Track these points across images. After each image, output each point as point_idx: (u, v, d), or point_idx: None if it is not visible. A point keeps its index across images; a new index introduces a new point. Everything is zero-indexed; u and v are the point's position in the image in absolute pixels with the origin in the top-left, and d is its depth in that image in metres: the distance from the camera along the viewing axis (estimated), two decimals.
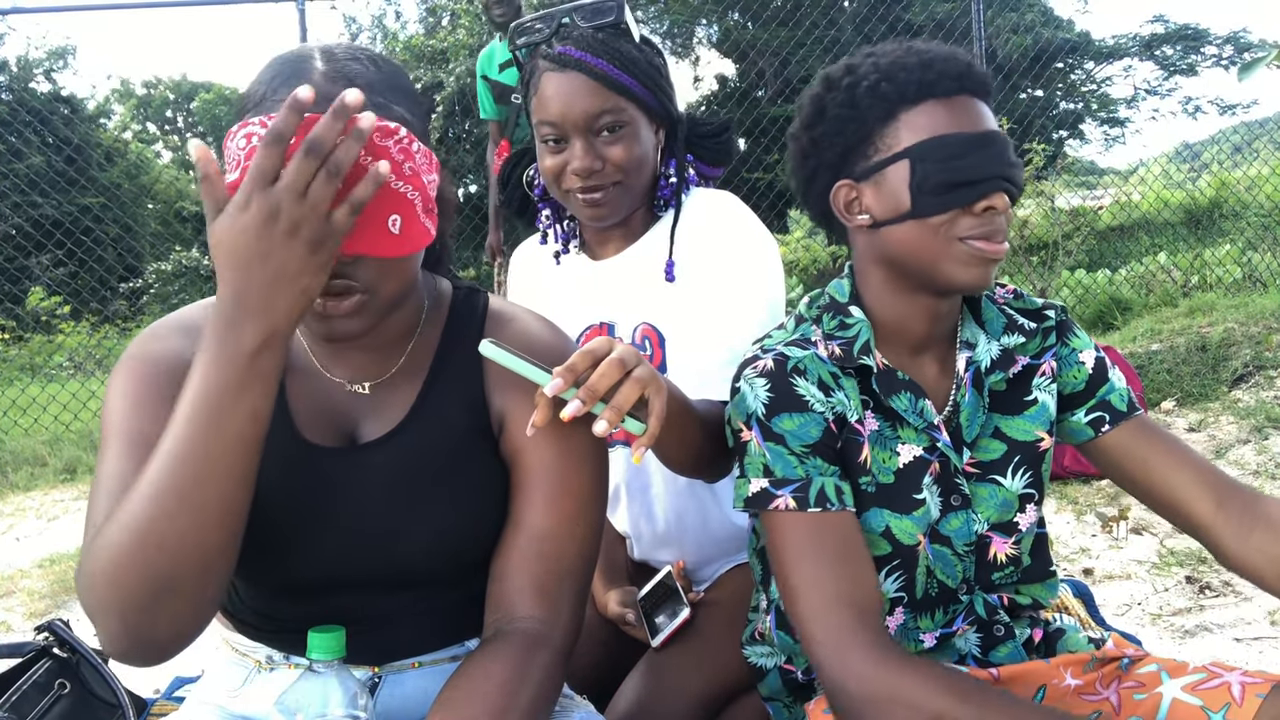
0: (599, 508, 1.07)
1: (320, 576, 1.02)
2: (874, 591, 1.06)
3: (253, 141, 0.86)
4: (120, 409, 0.97)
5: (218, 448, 0.83)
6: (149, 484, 0.84)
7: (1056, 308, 1.23)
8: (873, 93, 1.08)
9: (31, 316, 9.28)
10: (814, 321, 1.18)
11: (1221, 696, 0.99)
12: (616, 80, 1.39)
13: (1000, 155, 1.07)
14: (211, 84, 28.09)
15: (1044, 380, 1.20)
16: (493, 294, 1.16)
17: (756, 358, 1.13)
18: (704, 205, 1.49)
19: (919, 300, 1.13)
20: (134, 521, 0.83)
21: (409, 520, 1.02)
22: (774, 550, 1.09)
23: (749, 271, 1.42)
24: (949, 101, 1.07)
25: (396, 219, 0.90)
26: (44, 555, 3.65)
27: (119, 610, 0.85)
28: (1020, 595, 1.20)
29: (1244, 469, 3.53)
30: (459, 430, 1.05)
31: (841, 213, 1.14)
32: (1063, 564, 2.82)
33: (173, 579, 0.84)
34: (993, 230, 1.07)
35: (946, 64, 1.07)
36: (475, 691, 0.92)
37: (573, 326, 1.55)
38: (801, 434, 1.08)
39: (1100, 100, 16.91)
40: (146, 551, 0.83)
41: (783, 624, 1.22)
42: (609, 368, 0.95)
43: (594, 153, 1.40)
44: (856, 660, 0.97)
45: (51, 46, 19.42)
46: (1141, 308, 6.13)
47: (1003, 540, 1.17)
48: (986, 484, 1.17)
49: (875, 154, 1.09)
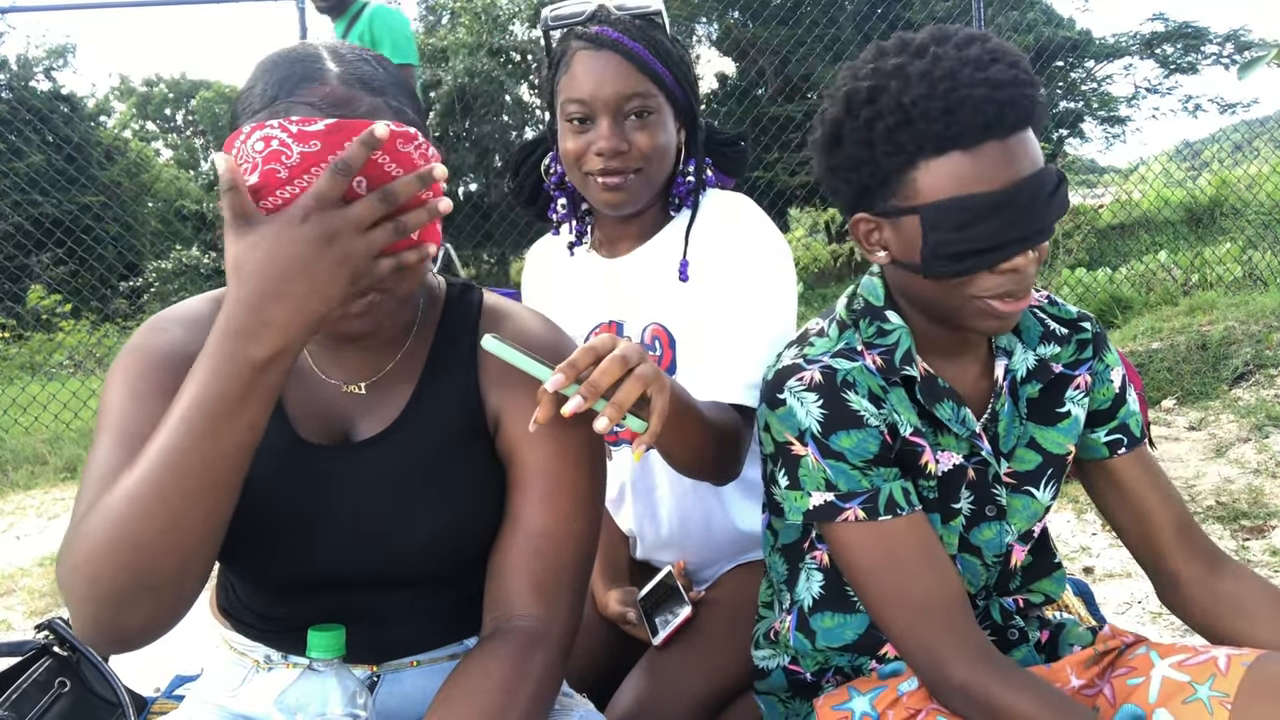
0: (597, 505, 1.06)
1: (317, 575, 1.02)
2: (957, 589, 1.06)
3: (272, 145, 0.84)
4: (117, 400, 0.97)
5: (211, 455, 0.82)
6: (135, 481, 0.83)
7: (1091, 319, 1.20)
8: (890, 139, 0.99)
9: (32, 315, 9.27)
10: (853, 327, 1.14)
11: (1208, 669, 1.00)
12: (650, 66, 1.38)
13: (1029, 209, 0.97)
14: (211, 82, 28.07)
15: (1078, 394, 1.17)
16: (487, 291, 1.15)
17: (800, 368, 1.10)
18: (720, 206, 1.48)
19: (946, 324, 1.10)
20: (115, 517, 0.83)
21: (404, 519, 1.02)
22: (847, 562, 1.08)
23: (762, 274, 1.41)
24: (975, 152, 0.96)
25: None
26: (44, 554, 3.65)
27: (94, 602, 0.85)
28: (1033, 594, 1.21)
29: (1244, 468, 3.53)
30: (454, 428, 1.04)
31: (861, 243, 1.09)
32: (1063, 563, 2.82)
33: (150, 576, 0.84)
34: (1014, 289, 1.01)
35: (975, 111, 0.95)
36: (473, 690, 0.92)
37: (583, 324, 1.55)
38: (860, 450, 1.07)
39: (1101, 98, 16.89)
40: (124, 548, 0.83)
41: (803, 628, 1.20)
42: (611, 364, 0.95)
43: (620, 134, 1.39)
44: (954, 672, 1.01)
45: (51, 45, 19.44)
46: (1142, 306, 6.13)
47: (1022, 549, 1.18)
48: (1021, 495, 1.16)
49: (893, 198, 1.02)
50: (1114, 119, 17.16)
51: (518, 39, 16.12)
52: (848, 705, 1.11)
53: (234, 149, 0.87)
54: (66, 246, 7.62)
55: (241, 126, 0.88)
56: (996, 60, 0.98)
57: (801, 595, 1.20)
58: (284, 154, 0.84)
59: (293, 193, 0.85)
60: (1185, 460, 3.72)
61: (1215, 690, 0.97)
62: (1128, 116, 17.05)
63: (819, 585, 1.19)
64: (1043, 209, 0.99)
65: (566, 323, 1.58)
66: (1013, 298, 1.02)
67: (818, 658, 1.20)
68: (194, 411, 0.82)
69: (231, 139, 0.88)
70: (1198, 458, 3.74)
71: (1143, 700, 1.03)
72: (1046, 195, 0.99)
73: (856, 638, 1.17)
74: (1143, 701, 1.03)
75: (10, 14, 11.68)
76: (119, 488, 0.84)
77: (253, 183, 0.85)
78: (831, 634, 1.17)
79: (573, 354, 0.95)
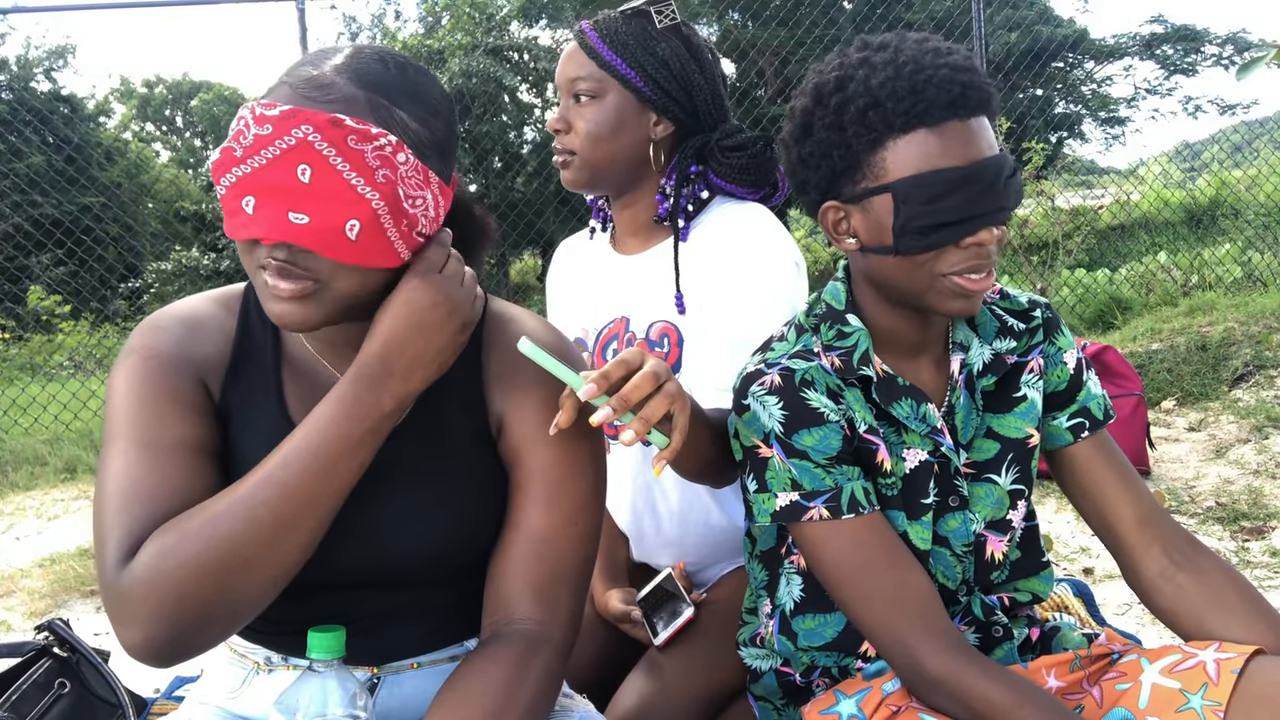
0: (597, 509, 1.07)
1: (317, 578, 1.01)
2: (926, 584, 1.09)
3: (238, 125, 0.88)
4: (126, 406, 0.96)
5: (325, 492, 0.90)
6: (246, 508, 0.87)
7: (1042, 304, 1.23)
8: (860, 120, 1.04)
9: (31, 316, 9.27)
10: (813, 331, 1.18)
11: (1198, 677, 1.00)
12: (601, 54, 1.47)
13: (990, 188, 1.04)
14: (211, 83, 28.07)
15: (1032, 377, 1.20)
16: (491, 295, 1.15)
17: (761, 373, 1.13)
18: (727, 218, 1.48)
19: (910, 314, 1.14)
20: (224, 543, 0.86)
21: (405, 521, 1.02)
22: (817, 563, 1.11)
23: (761, 283, 1.41)
24: (940, 130, 1.03)
25: (355, 224, 0.88)
26: (44, 555, 3.65)
27: (175, 621, 0.86)
28: (1019, 592, 1.21)
29: (1244, 468, 3.53)
30: (457, 431, 1.05)
31: (830, 233, 1.13)
32: (1063, 564, 2.82)
33: (240, 598, 0.88)
34: (979, 264, 1.06)
35: (939, 90, 1.02)
36: (472, 693, 0.92)
37: (595, 318, 1.58)
38: (823, 447, 1.10)
39: (1100, 100, 16.91)
40: (230, 573, 0.86)
41: (785, 630, 1.22)
42: (643, 380, 0.98)
43: (565, 115, 1.51)
44: (928, 664, 1.04)
45: (51, 46, 19.43)
46: (1141, 307, 6.13)
47: (998, 539, 1.18)
48: (982, 483, 1.18)
49: (862, 180, 1.07)
50: (1114, 120, 17.18)
51: (516, 38, 16.12)
52: (834, 709, 1.13)
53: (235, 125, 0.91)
54: (66, 247, 7.62)
55: None
56: (953, 53, 1.06)
57: (783, 599, 1.22)
58: (242, 134, 0.88)
59: (243, 172, 0.88)
60: (1185, 461, 3.72)
61: (1208, 700, 0.98)
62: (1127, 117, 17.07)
63: (799, 589, 1.21)
64: (1003, 189, 1.05)
65: (581, 315, 1.60)
66: (978, 273, 1.06)
67: (803, 658, 1.21)
68: (315, 449, 0.89)
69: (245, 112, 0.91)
70: (1197, 459, 3.74)
71: (1132, 705, 1.04)
72: (1005, 178, 1.05)
73: (836, 635, 1.19)
74: (1132, 706, 1.04)
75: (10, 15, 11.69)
76: (220, 513, 0.88)
77: (215, 158, 0.89)
78: (812, 634, 1.20)
79: (606, 366, 0.98)
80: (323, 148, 0.86)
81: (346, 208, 0.88)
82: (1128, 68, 16.65)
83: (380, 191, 0.89)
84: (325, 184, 0.87)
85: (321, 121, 0.86)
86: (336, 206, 0.87)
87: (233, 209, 0.89)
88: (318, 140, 0.86)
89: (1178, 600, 1.14)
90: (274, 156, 0.86)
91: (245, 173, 0.87)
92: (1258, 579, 2.57)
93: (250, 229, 0.88)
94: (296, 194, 0.87)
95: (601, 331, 1.56)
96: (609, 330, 1.56)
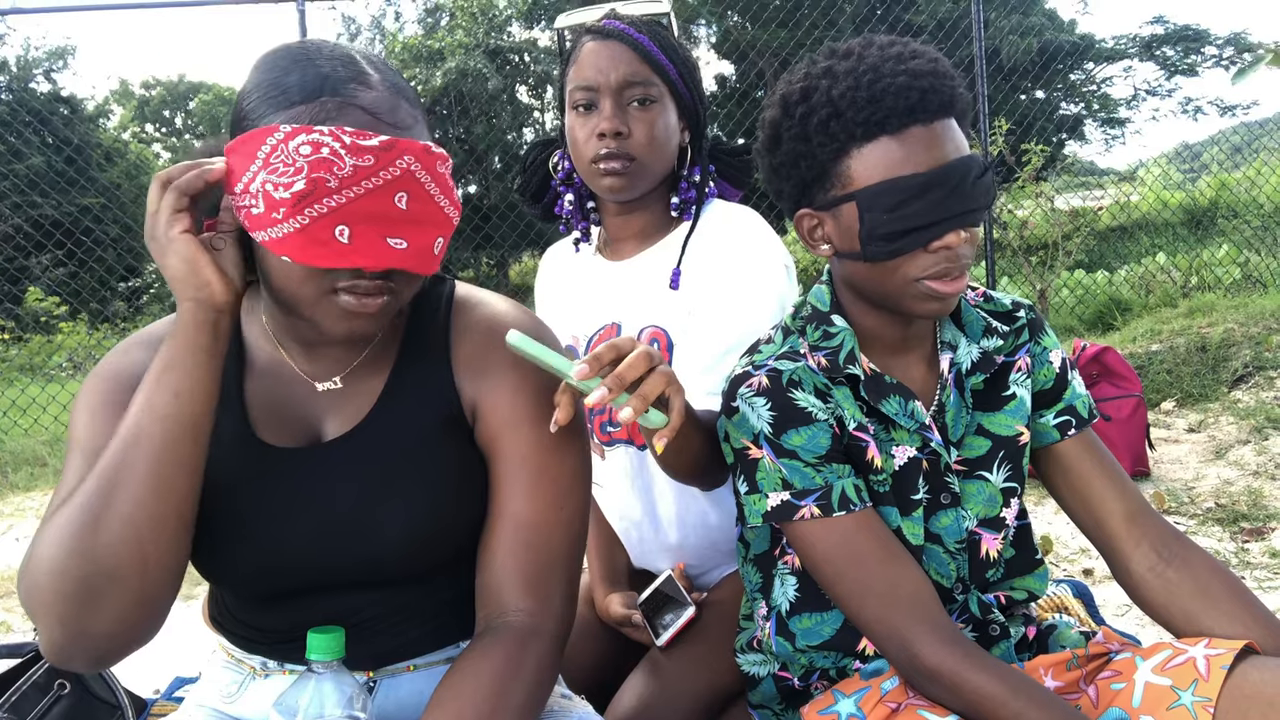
0: (583, 492, 1.06)
1: (300, 581, 1.01)
2: (920, 578, 1.09)
3: (322, 152, 0.85)
4: (83, 422, 0.99)
5: (146, 423, 0.89)
6: (91, 475, 0.89)
7: (1025, 306, 1.25)
8: (823, 130, 1.06)
9: (31, 317, 9.28)
10: (799, 333, 1.19)
11: (1188, 673, 1.01)
12: (653, 55, 1.43)
13: (956, 191, 1.04)
14: (210, 84, 28.09)
15: (1020, 376, 1.21)
16: (459, 281, 1.14)
17: (749, 375, 1.14)
18: (721, 217, 1.50)
19: (892, 315, 1.15)
20: (73, 511, 0.87)
21: (381, 515, 1.00)
22: (811, 561, 1.12)
23: (751, 284, 1.42)
24: (901, 136, 1.04)
25: (440, 241, 0.93)
26: None
27: (59, 600, 0.87)
28: (1015, 590, 1.22)
29: (1244, 469, 3.53)
30: (428, 420, 1.03)
31: (805, 239, 1.15)
32: (1063, 564, 2.82)
33: (111, 568, 0.86)
34: (950, 267, 1.07)
35: (898, 97, 1.03)
36: (466, 689, 0.92)
37: (586, 326, 1.57)
38: (812, 446, 1.10)
39: (1101, 101, 16.92)
40: (84, 538, 0.86)
41: (782, 631, 1.22)
42: (637, 359, 0.97)
43: (620, 117, 1.42)
44: (925, 656, 1.04)
45: (51, 46, 19.45)
46: (1141, 308, 6.14)
47: (992, 537, 1.19)
48: (974, 480, 1.19)
49: (831, 189, 1.09)
50: (1114, 121, 17.20)
51: (515, 40, 16.14)
52: (833, 709, 1.13)
53: (270, 144, 0.86)
54: (66, 248, 7.63)
55: (276, 124, 0.87)
56: (917, 56, 1.07)
57: (778, 600, 1.23)
58: (336, 164, 0.86)
59: (339, 202, 0.86)
60: (1185, 462, 3.72)
61: (1198, 695, 0.98)
62: (1128, 119, 17.09)
63: (794, 589, 1.21)
64: (970, 191, 1.05)
65: (571, 323, 1.59)
66: (949, 277, 1.07)
67: (801, 660, 1.21)
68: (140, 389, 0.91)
69: (258, 134, 0.87)
70: (1197, 460, 3.74)
71: (1126, 704, 1.04)
72: (973, 179, 1.05)
73: (834, 633, 1.19)
74: (1126, 705, 1.04)
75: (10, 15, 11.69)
76: (78, 489, 0.89)
77: (299, 188, 0.86)
78: (810, 633, 1.20)
79: (597, 349, 0.97)
80: (421, 176, 0.90)
81: (435, 228, 0.92)
82: (1128, 69, 16.67)
83: (457, 208, 0.94)
84: (420, 209, 0.90)
85: (418, 150, 0.89)
86: (428, 228, 0.91)
87: (323, 239, 0.87)
88: (418, 170, 0.89)
89: (1168, 595, 1.14)
90: (376, 186, 0.87)
91: (341, 202, 0.87)
92: (1257, 580, 2.57)
93: (351, 258, 0.88)
94: (393, 220, 0.89)
95: (592, 338, 1.56)
96: (600, 336, 1.55)
